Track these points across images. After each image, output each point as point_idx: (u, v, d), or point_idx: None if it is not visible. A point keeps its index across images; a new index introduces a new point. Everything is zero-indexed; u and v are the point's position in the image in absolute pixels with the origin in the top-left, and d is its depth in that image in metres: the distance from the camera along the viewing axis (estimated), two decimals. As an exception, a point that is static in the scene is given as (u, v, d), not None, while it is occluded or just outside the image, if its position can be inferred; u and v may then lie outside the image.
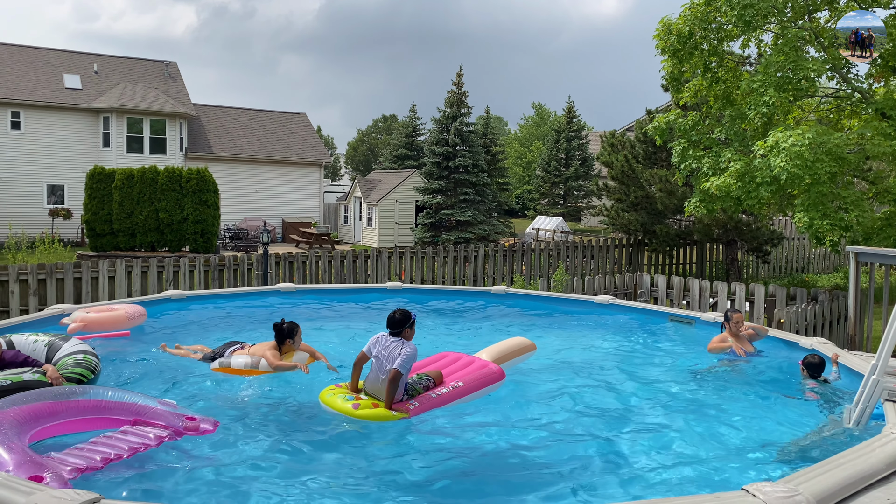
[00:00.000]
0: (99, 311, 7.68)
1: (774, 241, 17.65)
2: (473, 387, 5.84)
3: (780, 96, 10.31)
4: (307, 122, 39.94)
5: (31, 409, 4.44)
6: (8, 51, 32.18)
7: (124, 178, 21.05)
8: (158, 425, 4.72)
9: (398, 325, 5.51)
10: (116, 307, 7.88)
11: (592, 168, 44.01)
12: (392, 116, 69.74)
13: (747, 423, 5.52)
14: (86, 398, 4.74)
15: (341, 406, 5.30)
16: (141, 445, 4.45)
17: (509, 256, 16.27)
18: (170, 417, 4.80)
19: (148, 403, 4.87)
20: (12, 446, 3.92)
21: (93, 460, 4.14)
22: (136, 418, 4.75)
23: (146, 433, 4.60)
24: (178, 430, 4.73)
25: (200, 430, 4.81)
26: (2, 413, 4.29)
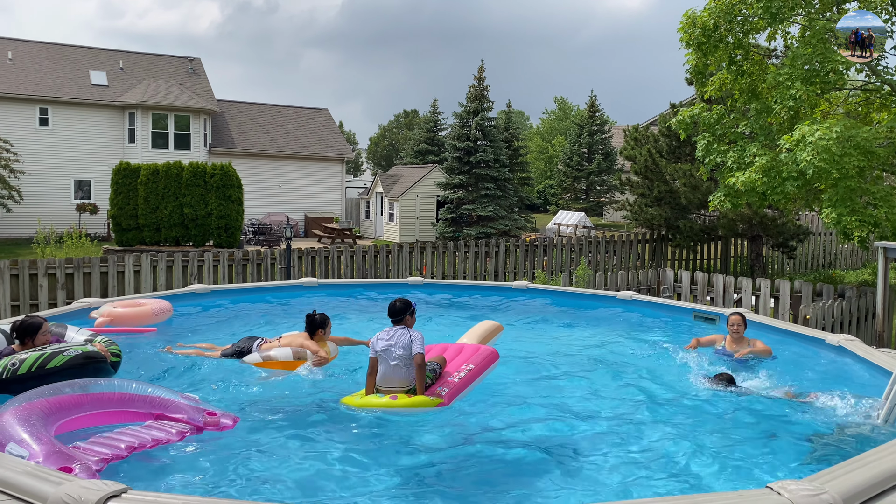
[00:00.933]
0: (125, 305, 7.80)
1: (800, 236, 17.41)
2: (483, 367, 6.08)
3: (808, 89, 10.15)
4: (329, 118, 40.10)
5: (57, 401, 4.50)
6: (36, 48, 32.68)
7: (149, 174, 21.30)
8: (180, 420, 4.76)
9: (399, 313, 5.71)
10: (143, 302, 7.98)
11: (615, 162, 43.68)
12: (413, 111, 69.76)
13: (771, 420, 5.46)
14: (110, 390, 4.80)
15: (378, 402, 5.31)
16: (163, 438, 4.51)
17: (531, 252, 16.22)
18: (191, 412, 4.84)
19: (170, 397, 4.92)
20: (41, 437, 3.99)
21: (118, 448, 4.21)
22: (158, 412, 4.79)
23: (168, 428, 4.65)
24: (199, 426, 4.77)
25: (221, 425, 4.84)
26: (29, 404, 4.36)
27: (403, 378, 5.46)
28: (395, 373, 5.44)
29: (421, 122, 52.19)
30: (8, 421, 4.11)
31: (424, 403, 5.30)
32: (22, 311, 11.13)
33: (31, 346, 5.52)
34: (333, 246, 14.13)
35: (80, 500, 2.95)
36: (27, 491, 3.10)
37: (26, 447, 3.87)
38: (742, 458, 4.73)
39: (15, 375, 5.06)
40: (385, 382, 5.49)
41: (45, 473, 3.24)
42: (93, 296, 11.54)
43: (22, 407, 4.30)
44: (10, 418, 4.14)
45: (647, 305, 9.46)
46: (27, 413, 4.22)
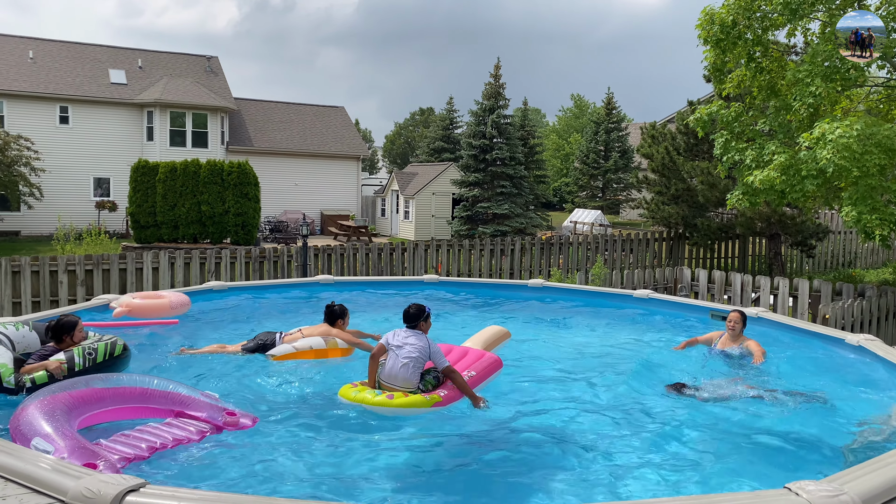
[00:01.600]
0: (144, 297, 7.88)
1: (820, 235, 17.22)
2: (483, 375, 6.00)
3: (828, 86, 10.04)
4: (345, 116, 40.22)
5: (80, 395, 4.54)
6: (56, 47, 33.05)
7: (167, 172, 21.47)
8: (200, 418, 4.77)
9: (414, 319, 5.72)
10: (162, 295, 8.07)
11: (632, 160, 43.44)
12: (429, 109, 69.76)
13: (790, 420, 5.41)
14: (132, 385, 4.83)
15: (373, 399, 5.29)
16: (184, 438, 4.52)
17: (546, 250, 16.17)
18: (211, 410, 4.85)
19: (191, 394, 4.94)
20: (66, 433, 4.02)
21: (139, 448, 4.23)
22: (178, 409, 4.81)
23: (188, 426, 4.66)
24: (218, 425, 4.77)
25: (240, 424, 4.84)
26: (53, 397, 4.39)
27: (407, 378, 5.45)
28: (402, 372, 5.45)
29: (437, 120, 52.19)
30: (33, 414, 4.15)
31: (420, 403, 5.27)
32: (42, 308, 11.27)
33: (69, 343, 5.70)
34: (349, 243, 14.17)
35: (99, 494, 2.99)
36: (48, 484, 3.15)
37: (52, 442, 3.91)
38: (758, 457, 4.69)
39: (94, 364, 5.48)
40: (389, 379, 5.50)
41: (65, 467, 3.29)
42: (111, 292, 11.65)
43: (46, 400, 4.33)
44: (35, 412, 4.18)
45: (664, 304, 9.41)
46: (52, 407, 4.26)
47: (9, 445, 3.56)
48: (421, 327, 5.74)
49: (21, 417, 4.16)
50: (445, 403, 5.40)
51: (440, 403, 5.36)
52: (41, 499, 3.10)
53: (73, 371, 5.39)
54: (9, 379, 5.15)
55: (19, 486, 3.20)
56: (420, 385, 5.49)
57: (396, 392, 5.37)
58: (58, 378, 5.23)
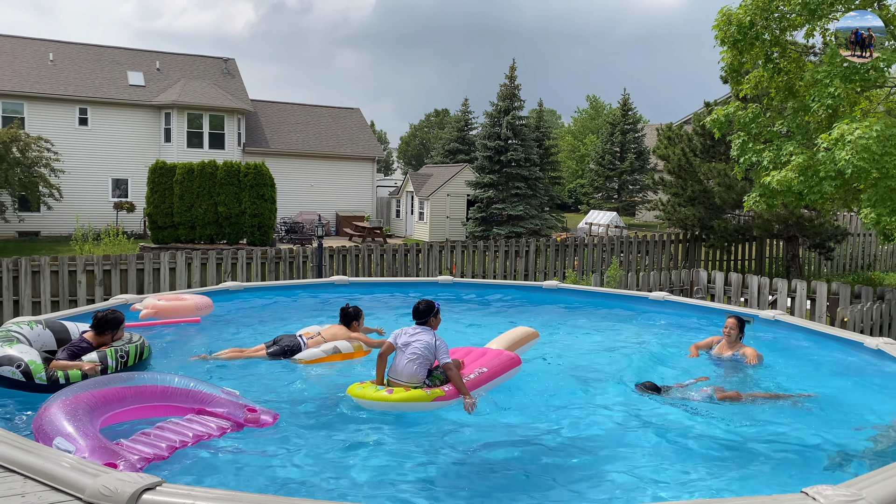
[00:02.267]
0: (169, 299, 8.01)
1: (838, 237, 17.04)
2: (496, 372, 5.98)
3: (847, 87, 9.93)
4: (361, 117, 40.34)
5: (102, 394, 4.57)
6: (76, 49, 33.42)
7: (185, 173, 21.65)
8: (221, 416, 4.79)
9: (423, 315, 5.73)
10: (186, 297, 8.19)
11: (648, 162, 43.23)
12: (444, 111, 69.81)
13: (806, 424, 5.36)
14: (153, 384, 4.85)
15: (374, 395, 5.30)
16: (204, 435, 4.53)
17: (561, 251, 16.13)
18: (232, 407, 4.86)
19: (211, 392, 4.95)
20: (87, 432, 4.05)
21: (159, 448, 4.25)
22: (199, 407, 4.83)
23: (209, 423, 4.67)
24: (239, 422, 4.79)
25: (261, 422, 4.85)
26: (76, 397, 4.42)
27: (413, 374, 5.47)
28: (408, 368, 5.47)
29: (452, 122, 52.20)
30: (56, 414, 4.19)
31: (420, 398, 5.26)
32: (61, 307, 11.40)
33: (109, 339, 5.86)
34: (364, 244, 14.21)
35: (116, 492, 3.02)
36: (66, 482, 3.19)
37: (73, 442, 3.95)
38: (775, 461, 4.65)
39: (125, 367, 5.64)
40: (396, 375, 5.52)
41: (83, 465, 3.32)
42: (129, 292, 11.77)
43: (69, 400, 4.37)
44: (58, 411, 4.22)
45: (680, 306, 9.35)
46: (74, 407, 4.29)
47: (28, 443, 3.61)
48: (430, 323, 5.75)
49: (44, 417, 4.21)
50: (449, 398, 5.38)
51: (442, 398, 5.33)
52: (59, 496, 3.14)
53: (106, 372, 5.48)
54: (41, 375, 5.23)
55: (38, 483, 3.25)
56: (427, 382, 5.50)
57: (401, 388, 5.38)
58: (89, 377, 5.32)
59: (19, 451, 3.45)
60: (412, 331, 5.65)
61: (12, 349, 5.37)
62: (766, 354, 7.35)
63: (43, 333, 5.94)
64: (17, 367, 5.23)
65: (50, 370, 5.31)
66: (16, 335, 5.67)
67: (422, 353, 5.48)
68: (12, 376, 5.22)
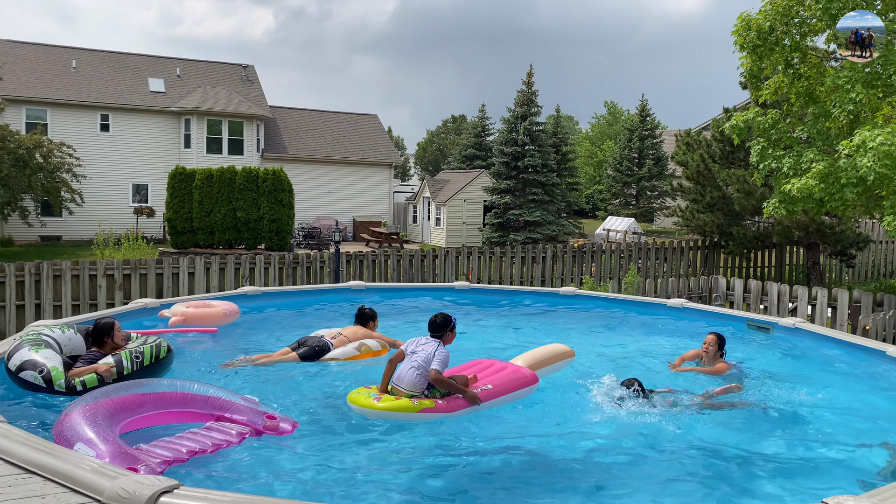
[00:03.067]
0: (197, 306, 8.07)
1: (860, 244, 16.83)
2: (502, 390, 5.70)
3: (868, 93, 9.83)
4: (378, 124, 40.52)
5: (122, 400, 4.60)
6: (98, 56, 33.89)
7: (204, 178, 21.84)
8: (240, 422, 4.78)
9: (439, 329, 5.64)
10: (214, 304, 8.24)
11: (666, 168, 42.99)
12: (461, 117, 69.96)
13: (826, 433, 5.29)
14: (173, 390, 4.86)
15: (363, 401, 5.28)
16: (223, 442, 4.53)
17: (578, 257, 16.07)
18: (251, 414, 4.84)
19: (231, 399, 4.94)
20: (108, 437, 4.08)
21: (179, 452, 4.27)
22: (218, 414, 4.83)
23: (228, 431, 4.67)
24: (258, 429, 4.78)
25: (280, 430, 4.83)
26: (96, 403, 4.46)
27: (413, 383, 5.40)
28: (409, 376, 5.42)
29: (469, 128, 52.29)
30: (77, 420, 4.23)
31: (406, 408, 5.18)
32: (82, 311, 11.53)
33: (111, 345, 5.91)
34: (381, 250, 14.25)
35: (134, 495, 3.04)
36: (86, 484, 3.22)
37: (94, 447, 3.98)
38: (795, 471, 4.60)
39: (142, 367, 5.68)
40: (398, 382, 5.49)
41: (101, 468, 3.35)
42: (148, 296, 11.88)
43: (89, 406, 4.40)
44: (78, 417, 4.25)
45: (699, 314, 9.28)
46: (94, 412, 4.32)
47: (49, 445, 3.65)
48: (446, 338, 5.66)
49: (65, 423, 4.25)
50: (439, 412, 5.24)
51: (430, 410, 5.21)
52: (79, 498, 3.17)
53: (122, 374, 5.55)
54: (60, 382, 5.31)
55: (58, 485, 3.28)
56: (426, 392, 5.41)
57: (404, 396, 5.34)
58: (107, 381, 5.38)
59: (39, 453, 3.49)
60: (423, 340, 5.62)
61: (38, 354, 5.44)
62: (786, 363, 7.28)
63: (74, 338, 6.01)
64: (40, 373, 5.32)
65: (69, 378, 5.38)
66: (46, 339, 5.74)
67: (423, 364, 5.42)
68: (34, 381, 5.33)
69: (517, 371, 6.00)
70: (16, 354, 5.46)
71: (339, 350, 6.80)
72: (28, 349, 5.50)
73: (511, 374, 5.94)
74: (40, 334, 5.79)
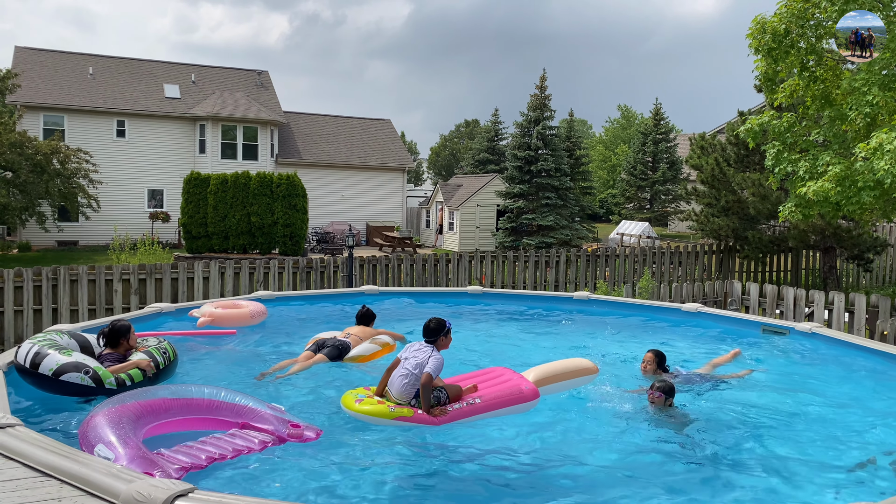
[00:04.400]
0: (225, 307, 8.14)
1: (878, 248, 16.65)
2: (492, 405, 5.47)
3: (886, 95, 9.74)
4: (391, 128, 40.63)
5: (148, 405, 4.61)
6: (115, 63, 34.24)
7: (219, 183, 22.00)
8: (264, 430, 4.76)
9: (433, 334, 5.54)
10: (242, 304, 8.30)
11: (681, 172, 42.77)
12: (474, 121, 69.98)
13: (840, 439, 5.24)
14: (199, 396, 4.85)
15: (348, 402, 5.34)
16: (244, 449, 4.52)
17: (592, 262, 16.01)
18: (276, 423, 4.82)
19: (257, 407, 4.91)
20: (128, 441, 4.10)
21: (198, 458, 4.27)
22: (244, 421, 4.80)
23: (252, 438, 4.65)
24: (282, 437, 4.75)
25: (304, 437, 4.79)
26: (123, 406, 4.48)
27: (401, 390, 5.32)
28: (398, 382, 5.34)
29: (482, 132, 52.31)
30: (100, 422, 4.26)
31: (381, 414, 5.15)
32: (98, 315, 11.62)
33: (126, 347, 5.96)
34: (394, 254, 14.27)
35: (149, 498, 3.06)
36: (101, 487, 3.24)
37: (113, 450, 4.00)
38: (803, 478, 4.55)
39: (169, 361, 5.96)
40: (390, 388, 5.44)
41: (118, 471, 3.38)
42: (164, 301, 11.95)
43: (115, 409, 4.43)
44: (102, 420, 4.28)
45: (714, 318, 9.21)
46: (118, 416, 4.35)
47: (65, 448, 3.68)
48: (440, 342, 5.54)
49: (89, 424, 4.28)
50: (416, 421, 5.15)
51: (406, 418, 5.13)
52: (95, 501, 3.20)
53: (158, 367, 5.74)
54: (110, 380, 5.39)
55: (74, 488, 3.31)
56: (413, 403, 5.30)
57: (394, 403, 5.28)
58: (148, 374, 5.57)
59: (56, 457, 3.52)
60: (417, 346, 5.53)
61: (72, 357, 5.43)
62: (803, 368, 7.20)
63: (71, 342, 5.98)
64: (86, 374, 5.32)
65: (116, 374, 5.45)
66: (62, 343, 5.75)
67: (412, 371, 5.32)
68: (82, 382, 5.29)
69: (516, 386, 5.70)
70: (45, 360, 5.33)
71: (360, 348, 6.97)
72: (58, 353, 5.43)
73: (509, 388, 5.67)
74: (55, 340, 5.73)
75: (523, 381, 5.80)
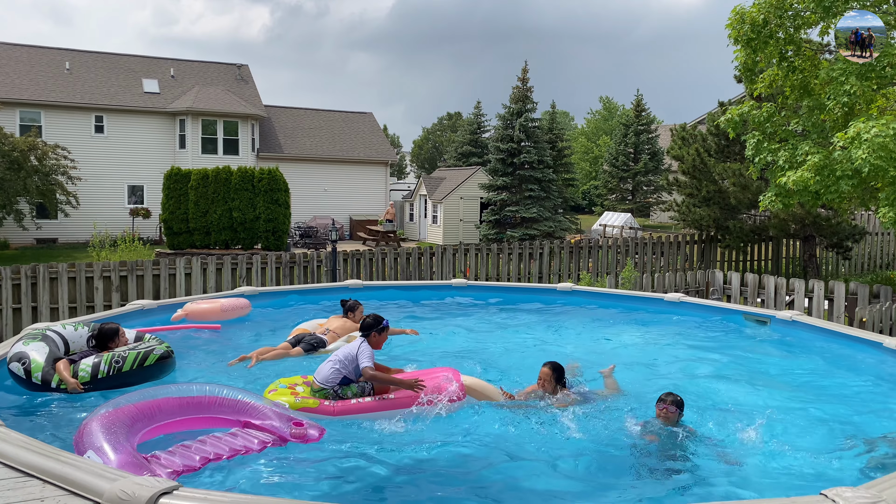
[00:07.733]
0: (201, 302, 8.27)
1: (856, 236, 16.87)
2: (402, 403, 5.34)
3: (863, 85, 9.84)
4: (373, 122, 40.47)
5: (146, 406, 4.54)
6: (92, 58, 33.79)
7: (199, 179, 21.81)
8: (266, 430, 4.68)
9: (366, 329, 5.72)
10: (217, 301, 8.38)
11: (662, 162, 43.02)
12: (457, 114, 69.90)
13: (826, 423, 5.31)
14: (200, 395, 4.78)
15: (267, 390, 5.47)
16: (242, 448, 4.45)
17: (576, 253, 16.08)
18: (279, 420, 4.73)
19: (259, 404, 4.83)
20: (118, 447, 4.05)
21: (192, 461, 4.21)
22: (246, 420, 4.73)
23: (251, 437, 4.58)
24: (284, 436, 4.65)
25: (307, 437, 4.70)
26: (118, 410, 4.40)
27: (325, 377, 5.46)
28: (324, 369, 5.50)
29: (464, 125, 52.27)
30: (94, 428, 4.20)
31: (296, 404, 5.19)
32: (79, 313, 11.51)
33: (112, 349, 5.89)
34: (378, 248, 14.24)
35: (133, 496, 3.04)
36: (85, 486, 3.21)
37: (102, 455, 3.96)
38: (794, 462, 4.61)
39: (120, 372, 5.62)
40: (316, 375, 5.57)
41: (101, 470, 3.35)
42: (146, 298, 11.85)
43: (109, 413, 4.36)
44: (96, 425, 4.22)
45: (696, 307, 9.29)
46: (112, 421, 4.28)
47: (47, 448, 3.64)
48: (372, 339, 5.65)
49: (83, 430, 4.22)
50: (320, 413, 5.13)
51: (310, 409, 5.13)
52: (78, 500, 3.17)
53: (96, 377, 5.53)
54: (37, 375, 5.40)
55: (57, 488, 3.27)
56: (337, 390, 5.41)
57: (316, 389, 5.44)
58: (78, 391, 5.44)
59: (38, 456, 3.48)
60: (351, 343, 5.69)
61: (28, 347, 5.58)
62: (784, 355, 7.28)
63: (85, 335, 6.04)
64: (22, 364, 5.45)
65: (46, 372, 5.42)
66: (51, 334, 5.82)
67: (340, 359, 5.44)
68: (17, 372, 5.47)
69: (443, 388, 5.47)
70: (13, 348, 5.61)
71: (334, 345, 7.08)
72: (22, 343, 5.62)
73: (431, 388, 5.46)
74: (47, 329, 5.87)
75: (449, 383, 5.53)
